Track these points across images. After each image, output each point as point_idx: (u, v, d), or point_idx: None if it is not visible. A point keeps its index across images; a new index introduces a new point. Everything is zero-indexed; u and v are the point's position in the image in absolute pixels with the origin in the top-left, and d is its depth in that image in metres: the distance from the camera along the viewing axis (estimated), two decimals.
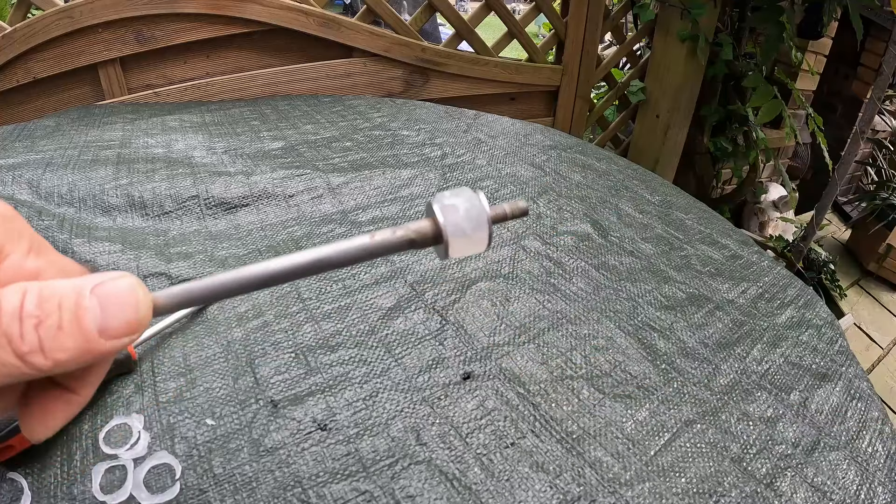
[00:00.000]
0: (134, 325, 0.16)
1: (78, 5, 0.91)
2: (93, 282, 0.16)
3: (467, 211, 0.20)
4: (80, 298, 0.16)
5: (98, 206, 0.61)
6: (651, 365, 0.44)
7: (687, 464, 0.36)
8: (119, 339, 0.16)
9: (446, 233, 0.20)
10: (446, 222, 0.20)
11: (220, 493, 0.32)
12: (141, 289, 0.17)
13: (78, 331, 0.15)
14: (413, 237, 0.20)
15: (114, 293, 0.16)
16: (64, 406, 0.18)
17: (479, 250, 0.20)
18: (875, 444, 0.40)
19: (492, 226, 0.20)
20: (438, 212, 0.20)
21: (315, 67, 1.12)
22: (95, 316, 0.16)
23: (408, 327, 0.46)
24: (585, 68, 1.46)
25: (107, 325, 0.16)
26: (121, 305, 0.16)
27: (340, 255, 0.19)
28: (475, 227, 0.20)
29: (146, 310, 0.17)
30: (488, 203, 0.20)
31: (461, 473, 0.34)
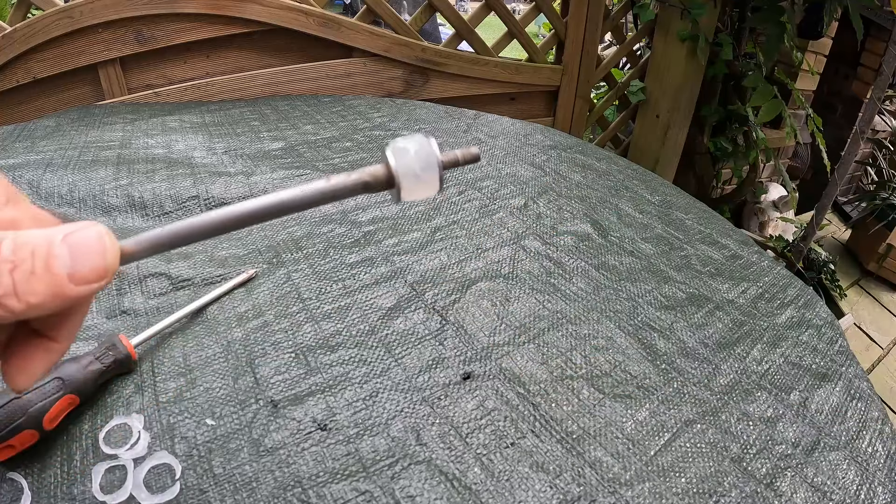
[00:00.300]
0: (101, 271, 0.17)
1: (78, 5, 0.91)
2: (64, 231, 0.17)
3: (417, 153, 0.21)
4: (52, 246, 0.17)
5: (98, 206, 0.61)
6: (651, 365, 0.44)
7: (687, 464, 0.36)
8: (88, 284, 0.17)
9: (398, 174, 0.21)
10: (398, 164, 0.21)
11: (220, 493, 0.32)
12: (108, 237, 0.18)
13: (49, 276, 0.16)
14: (367, 180, 0.21)
15: (83, 241, 0.17)
16: (44, 354, 0.19)
17: (430, 193, 0.21)
18: (875, 444, 0.40)
19: (442, 169, 0.21)
20: (390, 155, 0.21)
21: (315, 67, 1.12)
22: (65, 262, 0.17)
23: (408, 327, 0.46)
24: (585, 68, 1.46)
25: (76, 270, 0.17)
26: (89, 252, 0.17)
27: (299, 198, 0.20)
28: (425, 167, 0.21)
29: (113, 256, 0.18)
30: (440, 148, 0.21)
31: (461, 473, 0.34)
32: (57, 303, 0.17)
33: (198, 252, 0.54)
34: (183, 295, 0.49)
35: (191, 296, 0.48)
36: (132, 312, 0.46)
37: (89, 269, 0.17)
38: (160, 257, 0.53)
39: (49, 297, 0.16)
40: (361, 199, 0.66)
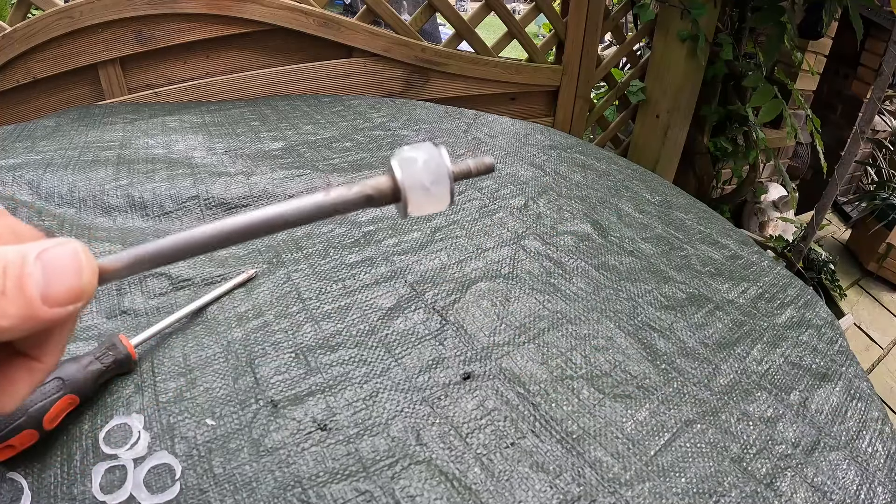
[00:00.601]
0: (76, 292, 0.16)
1: (78, 5, 0.91)
2: (38, 248, 0.16)
3: (426, 163, 0.19)
4: (24, 264, 0.15)
5: (98, 206, 0.61)
6: (651, 365, 0.44)
7: (687, 464, 0.36)
8: (62, 306, 0.16)
9: (404, 187, 0.19)
10: (404, 176, 0.19)
11: (220, 493, 0.32)
12: (85, 254, 0.16)
13: (21, 297, 0.15)
14: (370, 193, 0.19)
15: (57, 258, 0.16)
16: (27, 374, 0.18)
17: (440, 208, 0.19)
18: (875, 444, 0.40)
19: (453, 181, 0.19)
20: (396, 166, 0.19)
21: (315, 67, 1.12)
22: (38, 282, 0.15)
23: (408, 327, 0.46)
24: (585, 68, 1.46)
25: (49, 291, 0.16)
26: (63, 271, 0.16)
27: (295, 213, 0.18)
28: (435, 180, 0.19)
29: (90, 276, 0.16)
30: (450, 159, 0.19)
31: (461, 473, 0.34)
32: (28, 326, 0.15)
33: None
34: (183, 295, 0.49)
35: (191, 296, 0.48)
36: (132, 312, 0.46)
37: (64, 289, 0.16)
38: None
39: (20, 321, 0.15)
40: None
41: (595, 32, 1.42)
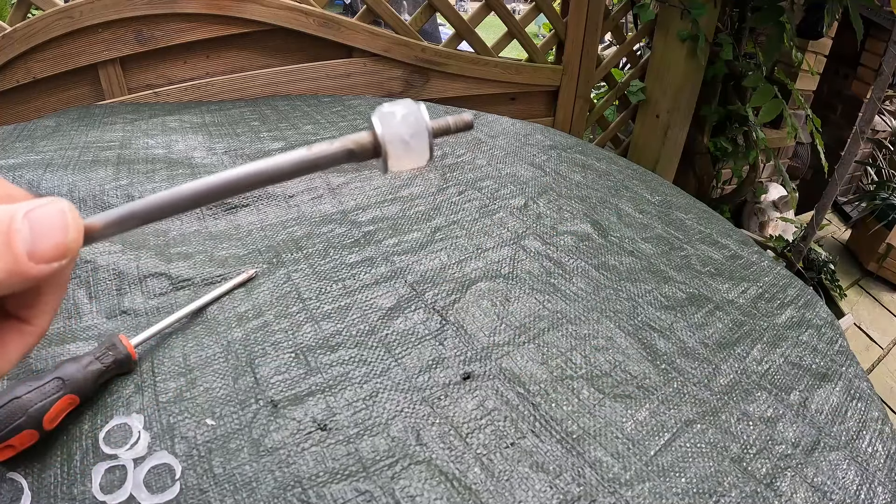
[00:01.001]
0: (62, 249, 0.16)
1: (78, 5, 0.91)
2: (26, 207, 0.16)
3: (405, 117, 0.19)
4: (13, 222, 0.16)
5: (98, 206, 0.61)
6: (651, 365, 0.44)
7: (687, 464, 0.36)
8: (48, 262, 0.16)
9: (384, 141, 0.19)
10: (384, 130, 0.19)
11: (220, 493, 0.32)
12: (71, 213, 0.17)
13: (8, 253, 0.16)
14: (352, 147, 0.19)
15: (44, 217, 0.16)
16: (19, 337, 0.18)
17: (420, 163, 0.20)
18: (875, 444, 0.40)
19: (432, 136, 0.20)
20: (376, 121, 0.19)
21: (315, 67, 1.12)
22: (25, 238, 0.16)
23: (408, 327, 0.46)
24: (585, 68, 1.46)
25: (35, 247, 0.16)
26: (50, 229, 0.16)
27: (277, 168, 0.19)
28: (414, 134, 0.19)
29: (75, 233, 0.17)
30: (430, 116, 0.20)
31: (461, 473, 0.34)
32: (16, 281, 0.16)
33: (198, 252, 0.54)
34: (183, 295, 0.49)
35: (191, 296, 0.48)
36: (132, 312, 0.46)
37: (49, 246, 0.16)
38: (160, 257, 0.53)
39: (7, 275, 0.16)
40: (361, 199, 0.66)
41: (595, 32, 1.42)
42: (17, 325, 0.18)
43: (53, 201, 0.17)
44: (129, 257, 0.53)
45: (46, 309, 0.19)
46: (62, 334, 0.43)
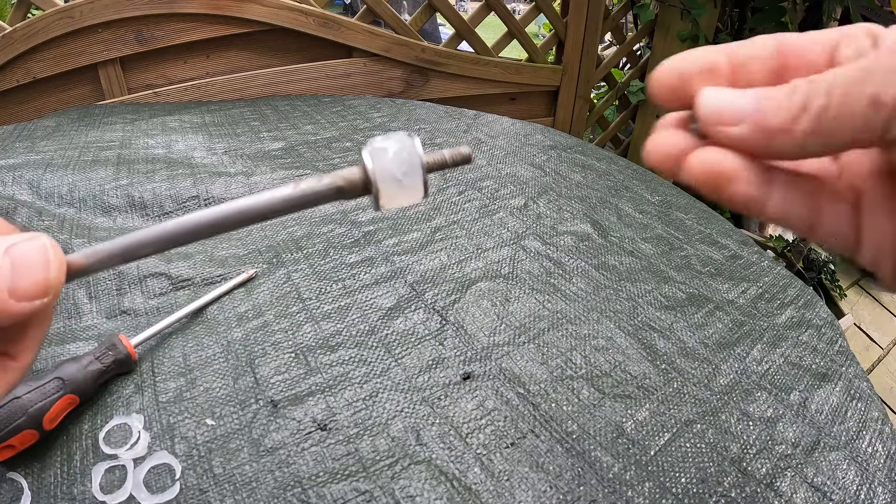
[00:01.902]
0: (43, 287, 0.16)
1: (78, 5, 0.91)
2: (7, 242, 0.16)
3: (397, 154, 0.18)
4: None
5: (98, 206, 0.61)
6: (651, 365, 0.44)
7: (687, 464, 0.36)
8: (30, 300, 0.16)
9: (375, 179, 0.18)
10: (375, 167, 0.18)
11: (220, 493, 0.32)
12: (53, 249, 0.17)
13: None
14: (341, 184, 0.19)
15: (26, 253, 0.16)
16: (3, 373, 0.18)
17: (414, 200, 0.19)
18: (875, 444, 0.40)
19: (426, 172, 0.19)
20: (367, 156, 0.18)
21: (315, 67, 1.12)
22: (5, 276, 0.16)
23: (408, 327, 0.46)
24: (585, 68, 1.46)
25: (16, 285, 0.16)
26: (31, 266, 0.16)
27: (264, 206, 0.18)
28: (407, 171, 0.18)
29: (57, 271, 0.16)
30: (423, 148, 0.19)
31: (461, 473, 0.34)
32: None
33: (198, 252, 0.54)
34: (183, 295, 0.49)
35: (191, 296, 0.48)
36: (132, 312, 0.46)
37: (30, 283, 0.16)
38: (160, 257, 0.53)
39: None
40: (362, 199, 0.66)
41: (595, 32, 1.42)
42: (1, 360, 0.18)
43: (35, 237, 0.17)
44: None
45: (30, 344, 0.18)
46: (62, 334, 0.44)
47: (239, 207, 0.18)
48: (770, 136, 0.18)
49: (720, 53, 0.20)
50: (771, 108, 0.18)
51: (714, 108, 0.18)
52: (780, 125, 0.17)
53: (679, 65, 0.20)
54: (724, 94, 0.19)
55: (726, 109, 0.18)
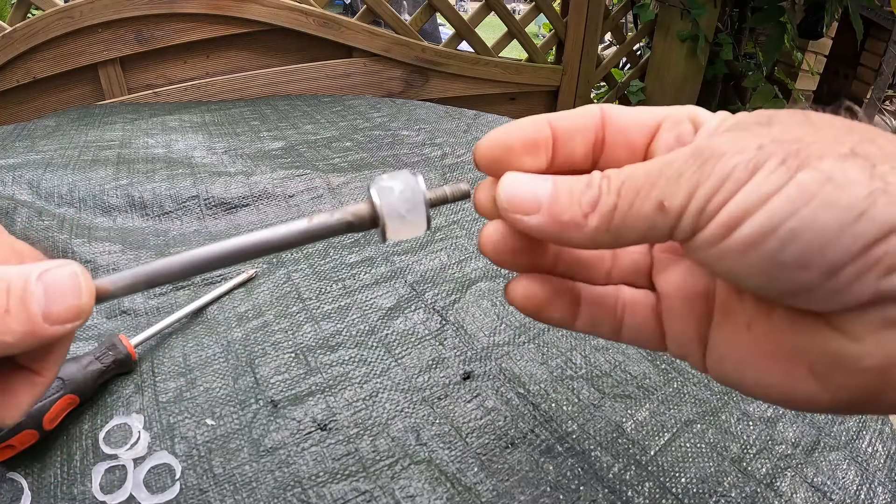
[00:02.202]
0: (76, 311, 0.17)
1: (78, 5, 0.91)
2: (40, 269, 0.17)
3: (402, 193, 0.20)
4: (27, 284, 0.16)
5: (98, 206, 0.61)
6: (651, 365, 0.44)
7: (687, 464, 0.36)
8: (62, 324, 0.17)
9: (382, 215, 0.20)
10: (382, 204, 0.20)
11: (220, 493, 0.32)
12: (84, 276, 0.18)
13: (24, 315, 0.16)
14: (350, 220, 0.20)
15: (58, 279, 0.17)
16: (29, 388, 0.19)
17: (417, 233, 0.21)
18: (875, 444, 0.40)
19: (429, 208, 0.20)
20: (374, 194, 0.20)
21: (315, 67, 1.12)
22: (40, 301, 0.16)
23: (408, 327, 0.46)
24: (585, 68, 1.46)
25: (50, 310, 0.17)
26: (63, 292, 0.17)
27: (281, 238, 0.20)
28: (411, 209, 0.20)
29: (88, 297, 0.17)
30: (426, 186, 0.20)
31: (461, 473, 0.34)
32: (30, 341, 0.16)
33: None
34: (183, 295, 0.49)
35: (191, 296, 0.48)
36: (132, 312, 0.46)
37: (64, 308, 0.17)
38: (160, 257, 0.53)
39: (23, 337, 0.16)
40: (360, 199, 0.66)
41: (595, 32, 1.42)
42: (27, 375, 0.19)
43: (66, 264, 0.18)
44: (129, 257, 0.53)
45: (54, 361, 0.19)
46: None
47: (258, 239, 0.20)
48: (562, 229, 0.18)
49: (545, 125, 0.21)
50: (564, 201, 0.18)
51: (511, 196, 0.19)
52: (572, 219, 0.18)
53: (503, 138, 0.21)
54: (522, 184, 0.19)
55: (523, 199, 0.19)
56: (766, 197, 0.15)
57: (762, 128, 0.17)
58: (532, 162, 0.21)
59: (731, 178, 0.15)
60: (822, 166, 0.14)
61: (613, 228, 0.17)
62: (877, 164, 0.14)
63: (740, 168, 0.15)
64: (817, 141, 0.15)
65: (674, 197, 0.16)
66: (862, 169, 0.14)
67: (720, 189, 0.15)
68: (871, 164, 0.14)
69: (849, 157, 0.14)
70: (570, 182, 0.19)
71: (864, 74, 2.47)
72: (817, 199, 0.14)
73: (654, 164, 0.17)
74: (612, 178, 0.18)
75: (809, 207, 0.14)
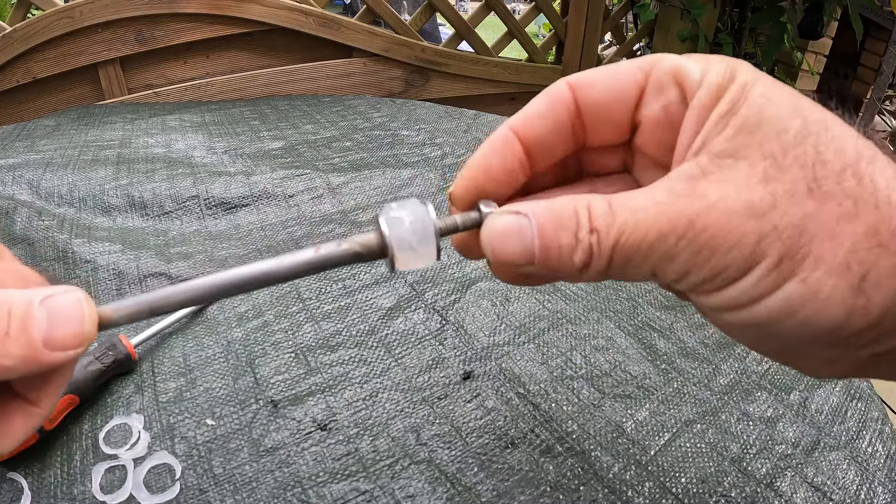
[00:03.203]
0: (78, 338, 0.17)
1: (78, 5, 0.91)
2: (42, 293, 0.17)
3: (412, 224, 0.19)
4: (30, 308, 0.16)
5: (98, 206, 0.61)
6: (651, 365, 0.44)
7: (687, 464, 0.36)
8: (63, 350, 0.17)
9: (391, 246, 0.19)
10: (391, 235, 0.19)
11: (220, 493, 0.32)
12: (87, 303, 0.17)
13: (24, 339, 0.16)
14: (359, 250, 0.20)
15: (61, 305, 0.17)
16: (24, 418, 0.18)
17: (427, 263, 0.20)
18: (875, 444, 0.40)
19: (439, 238, 0.20)
20: (384, 224, 0.20)
21: (315, 67, 1.12)
22: (42, 326, 0.16)
23: (408, 327, 0.46)
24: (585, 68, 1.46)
25: (52, 335, 0.16)
26: (66, 317, 0.17)
27: (286, 268, 0.19)
28: (421, 240, 0.20)
29: (91, 324, 0.17)
30: (437, 215, 0.20)
31: (461, 473, 0.34)
32: (29, 367, 0.16)
33: (198, 252, 0.54)
34: None
35: None
36: None
37: (66, 335, 0.17)
38: (160, 257, 0.53)
39: (22, 362, 0.16)
40: (361, 199, 0.66)
41: (595, 32, 1.42)
42: (23, 405, 0.18)
43: (70, 290, 0.17)
44: (129, 257, 0.53)
45: (53, 391, 0.19)
46: None
47: (263, 270, 0.19)
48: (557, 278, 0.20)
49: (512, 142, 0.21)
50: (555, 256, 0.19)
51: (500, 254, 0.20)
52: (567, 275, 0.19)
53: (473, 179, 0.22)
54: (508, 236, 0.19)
55: (513, 254, 0.19)
56: (752, 301, 0.17)
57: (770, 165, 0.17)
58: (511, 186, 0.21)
59: (723, 276, 0.17)
60: (813, 278, 0.16)
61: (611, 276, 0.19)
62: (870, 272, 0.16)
63: (734, 268, 0.17)
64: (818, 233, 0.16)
65: (664, 274, 0.18)
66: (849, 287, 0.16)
67: (712, 280, 0.17)
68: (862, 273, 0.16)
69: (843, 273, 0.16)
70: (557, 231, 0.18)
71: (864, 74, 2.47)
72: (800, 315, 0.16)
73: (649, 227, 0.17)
74: (601, 238, 0.18)
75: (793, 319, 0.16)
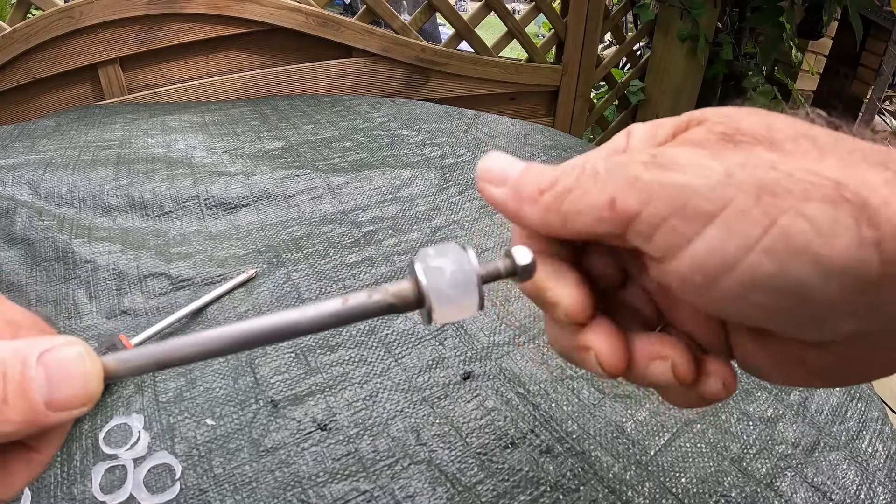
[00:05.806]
0: (82, 399, 0.15)
1: (78, 5, 0.91)
2: (39, 348, 0.15)
3: (454, 274, 0.17)
4: (26, 368, 0.15)
5: (98, 206, 0.61)
6: None
7: (687, 464, 0.36)
8: (67, 411, 0.15)
9: (430, 299, 0.17)
10: (430, 287, 0.17)
11: (220, 493, 0.32)
12: (90, 358, 0.16)
13: (24, 403, 0.15)
14: (392, 301, 0.18)
15: (62, 362, 0.15)
16: (25, 465, 0.17)
17: (468, 315, 0.18)
18: (875, 444, 0.40)
19: (482, 286, 0.18)
20: (421, 274, 0.17)
21: (315, 67, 1.12)
22: (41, 387, 0.15)
23: (408, 327, 0.46)
24: (585, 68, 1.46)
25: (53, 397, 0.15)
26: (68, 376, 0.15)
27: (308, 321, 0.17)
28: (463, 292, 0.17)
29: (96, 381, 0.16)
30: (478, 261, 0.18)
31: (461, 473, 0.34)
32: (31, 430, 0.15)
33: (198, 252, 0.54)
34: (183, 295, 0.49)
35: (191, 296, 0.48)
36: (132, 312, 0.46)
37: (68, 395, 0.15)
38: (160, 257, 0.53)
39: (23, 427, 0.15)
40: (361, 199, 0.66)
41: (595, 32, 1.42)
42: (25, 453, 0.17)
43: (70, 343, 0.16)
44: (129, 257, 0.53)
45: (55, 439, 0.18)
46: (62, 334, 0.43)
47: (285, 322, 0.17)
48: (520, 203, 0.19)
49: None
50: (528, 180, 0.19)
51: (486, 169, 0.20)
52: (529, 195, 0.18)
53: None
54: (500, 160, 0.20)
55: (495, 173, 0.19)
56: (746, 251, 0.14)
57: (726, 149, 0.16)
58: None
59: (693, 205, 0.14)
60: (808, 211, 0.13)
61: (563, 211, 0.17)
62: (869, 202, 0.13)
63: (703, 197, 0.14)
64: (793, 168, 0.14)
65: (625, 200, 0.16)
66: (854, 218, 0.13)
67: (678, 214, 0.15)
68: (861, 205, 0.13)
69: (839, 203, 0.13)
70: (541, 166, 0.19)
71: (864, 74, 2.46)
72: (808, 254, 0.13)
73: (619, 159, 0.17)
74: (576, 166, 0.18)
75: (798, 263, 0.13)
